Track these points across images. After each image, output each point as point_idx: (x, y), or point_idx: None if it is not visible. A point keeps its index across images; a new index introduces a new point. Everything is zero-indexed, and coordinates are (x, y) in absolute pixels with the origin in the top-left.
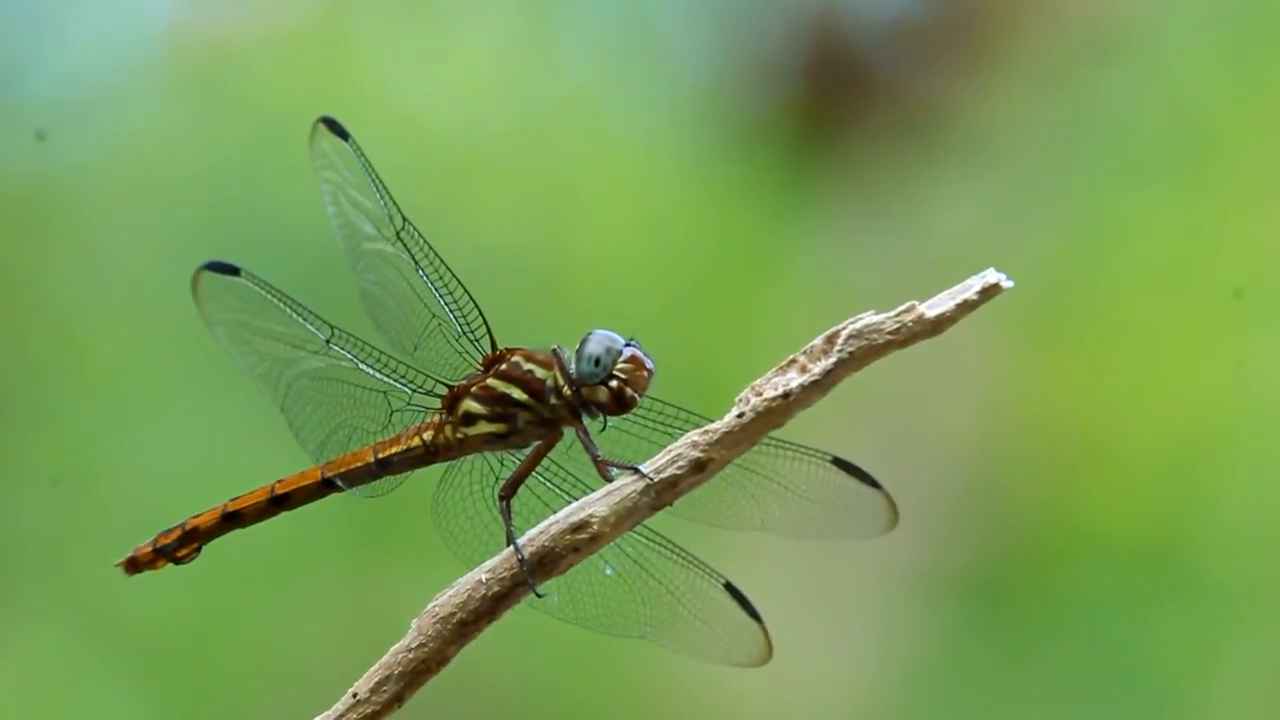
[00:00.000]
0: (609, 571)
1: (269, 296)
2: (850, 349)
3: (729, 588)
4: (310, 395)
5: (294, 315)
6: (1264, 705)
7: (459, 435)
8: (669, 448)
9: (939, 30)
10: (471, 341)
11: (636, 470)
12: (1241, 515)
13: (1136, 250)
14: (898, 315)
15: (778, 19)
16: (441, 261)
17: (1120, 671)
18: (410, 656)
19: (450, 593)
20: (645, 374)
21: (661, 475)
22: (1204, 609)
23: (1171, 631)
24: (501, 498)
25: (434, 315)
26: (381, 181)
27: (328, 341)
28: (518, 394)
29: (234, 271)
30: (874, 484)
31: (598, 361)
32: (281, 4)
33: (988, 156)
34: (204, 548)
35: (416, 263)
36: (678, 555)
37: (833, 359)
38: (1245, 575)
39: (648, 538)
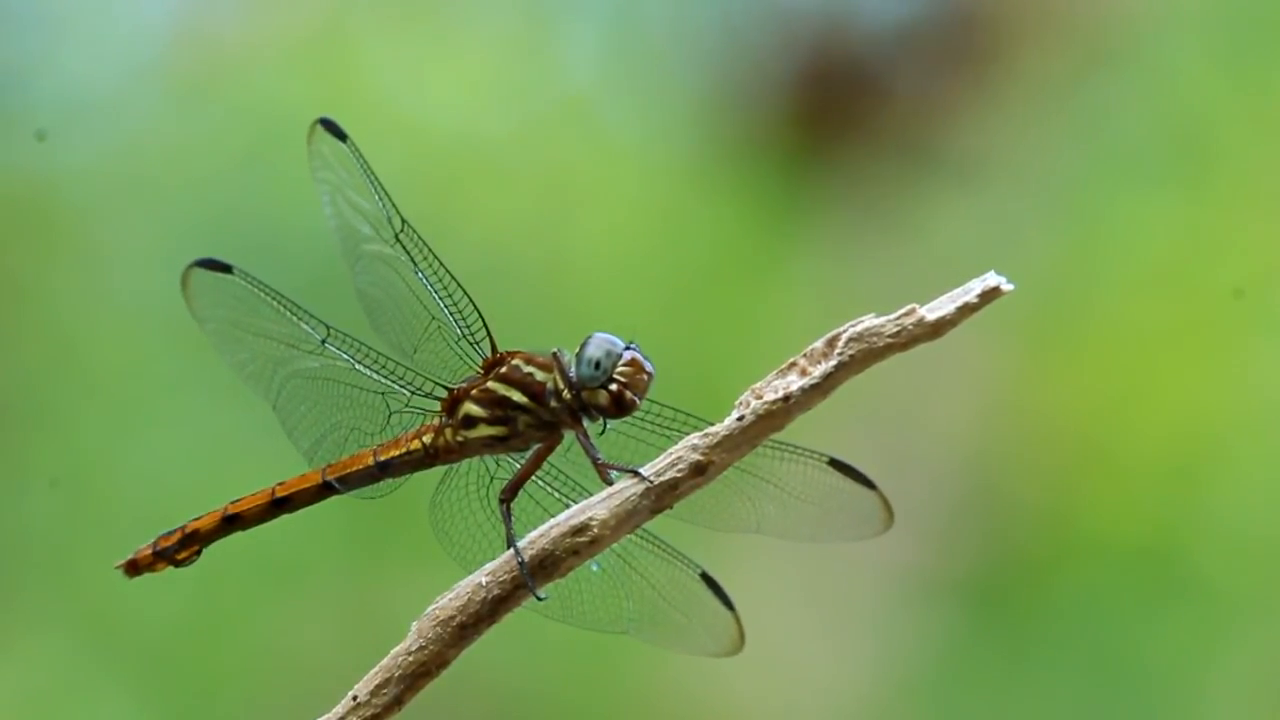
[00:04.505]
0: (595, 568)
1: (263, 295)
2: (850, 352)
3: (705, 577)
4: (305, 395)
5: (289, 315)
6: (1262, 708)
7: (459, 438)
8: (669, 451)
9: (938, 37)
10: (471, 344)
11: (636, 473)
12: (1241, 518)
13: (1136, 253)
14: (898, 318)
15: (777, 25)
16: (441, 264)
17: (1118, 674)
18: (410, 659)
19: (450, 595)
20: (645, 377)
21: (661, 478)
22: (1202, 612)
23: (1170, 635)
24: (502, 501)
25: (433, 318)
26: (380, 183)
27: (323, 341)
28: (518, 397)
29: (226, 269)
30: (869, 484)
31: (598, 365)
32: (282, 9)
33: (988, 162)
34: (204, 550)
35: (416, 265)
36: (658, 547)
37: (833, 362)
38: (1244, 578)
39: (632, 532)
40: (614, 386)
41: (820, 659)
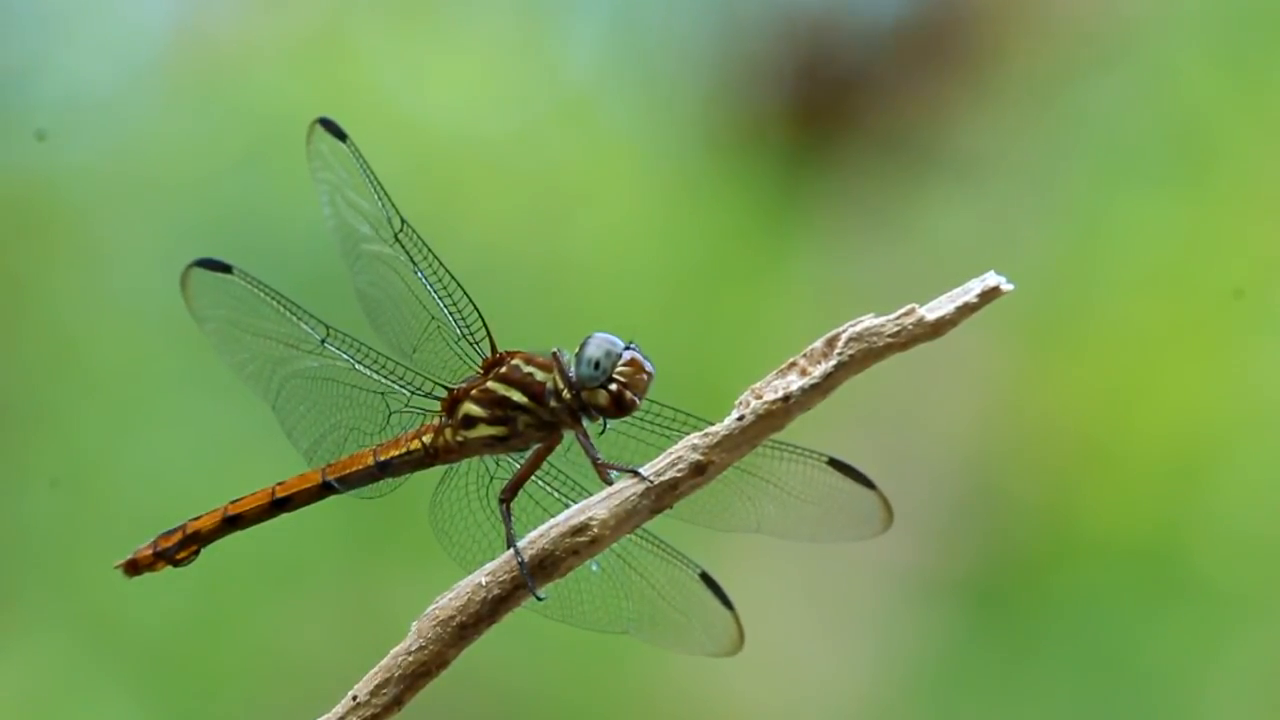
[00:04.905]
0: (595, 568)
1: (262, 295)
2: (850, 352)
3: (704, 577)
4: (304, 395)
5: (288, 314)
6: (1261, 708)
7: (459, 438)
8: (669, 450)
9: (936, 36)
10: (471, 344)
11: (636, 473)
12: (1240, 518)
13: (1135, 253)
14: (897, 318)
15: (775, 25)
16: (440, 264)
17: (1118, 674)
18: (410, 659)
19: (450, 595)
20: (645, 377)
21: (661, 478)
22: (1202, 612)
23: (1169, 634)
24: (502, 500)
25: (433, 318)
26: (379, 182)
27: (323, 341)
28: (518, 397)
29: (225, 269)
30: (869, 484)
31: (597, 365)
32: (282, 9)
33: (987, 161)
34: (203, 550)
35: (415, 265)
36: (657, 547)
37: (833, 362)
38: (1243, 578)
39: (632, 532)
40: (614, 386)
41: (820, 659)
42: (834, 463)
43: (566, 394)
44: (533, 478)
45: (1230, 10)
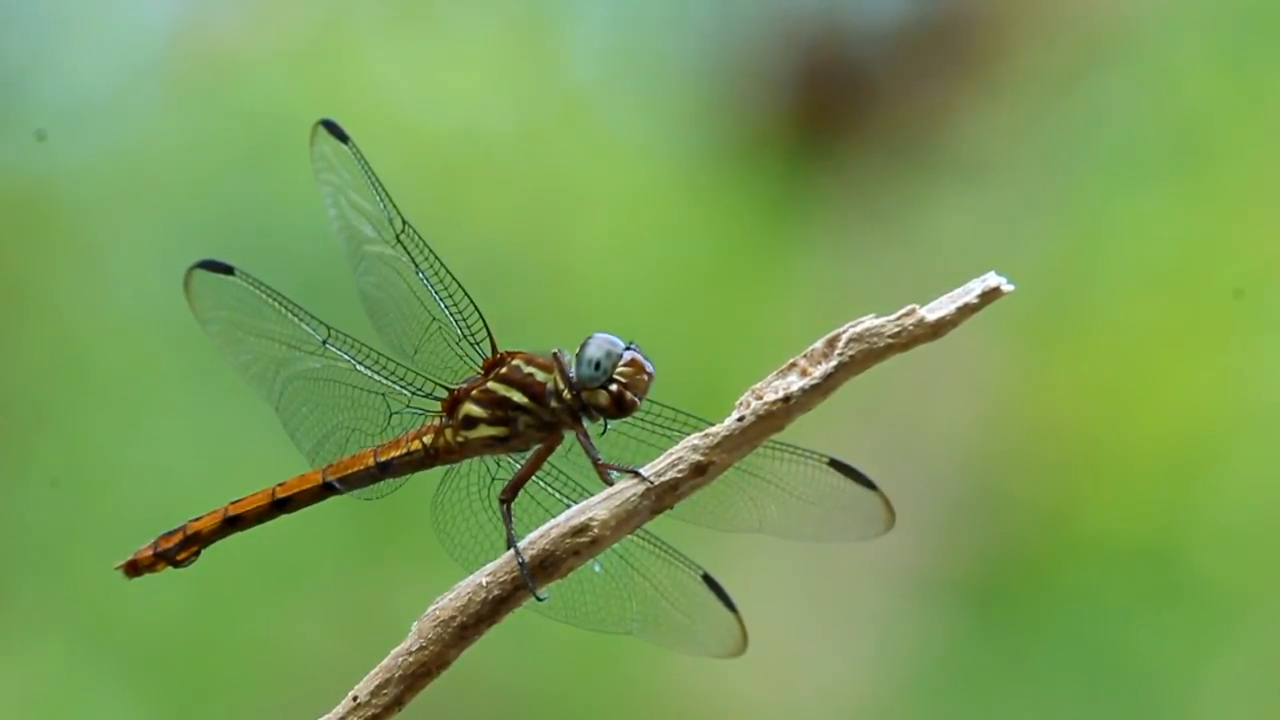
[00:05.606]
0: (597, 569)
1: (263, 296)
2: (851, 352)
3: (706, 579)
4: (306, 396)
5: (290, 315)
6: (1260, 708)
7: (459, 438)
8: (669, 451)
9: (937, 36)
10: (472, 345)
11: (637, 474)
12: (1240, 518)
13: (1135, 253)
14: (898, 319)
15: (776, 25)
16: (441, 264)
17: (1117, 674)
18: (410, 659)
19: (451, 596)
20: (645, 377)
21: (662, 479)
22: (1202, 612)
23: (1169, 635)
24: (502, 501)
25: (434, 318)
26: (381, 184)
27: (324, 342)
28: (518, 397)
29: (228, 270)
30: (870, 485)
31: (598, 365)
32: (283, 10)
33: (988, 161)
34: (204, 550)
35: (417, 265)
36: (660, 549)
37: (833, 362)
38: (1243, 578)
39: (634, 533)
40: (614, 387)
41: (820, 659)
42: (835, 463)
43: (567, 394)
44: (533, 478)
45: (1230, 10)
